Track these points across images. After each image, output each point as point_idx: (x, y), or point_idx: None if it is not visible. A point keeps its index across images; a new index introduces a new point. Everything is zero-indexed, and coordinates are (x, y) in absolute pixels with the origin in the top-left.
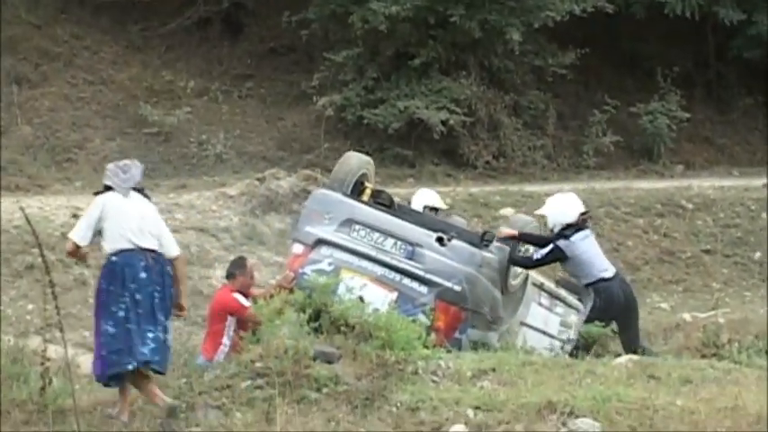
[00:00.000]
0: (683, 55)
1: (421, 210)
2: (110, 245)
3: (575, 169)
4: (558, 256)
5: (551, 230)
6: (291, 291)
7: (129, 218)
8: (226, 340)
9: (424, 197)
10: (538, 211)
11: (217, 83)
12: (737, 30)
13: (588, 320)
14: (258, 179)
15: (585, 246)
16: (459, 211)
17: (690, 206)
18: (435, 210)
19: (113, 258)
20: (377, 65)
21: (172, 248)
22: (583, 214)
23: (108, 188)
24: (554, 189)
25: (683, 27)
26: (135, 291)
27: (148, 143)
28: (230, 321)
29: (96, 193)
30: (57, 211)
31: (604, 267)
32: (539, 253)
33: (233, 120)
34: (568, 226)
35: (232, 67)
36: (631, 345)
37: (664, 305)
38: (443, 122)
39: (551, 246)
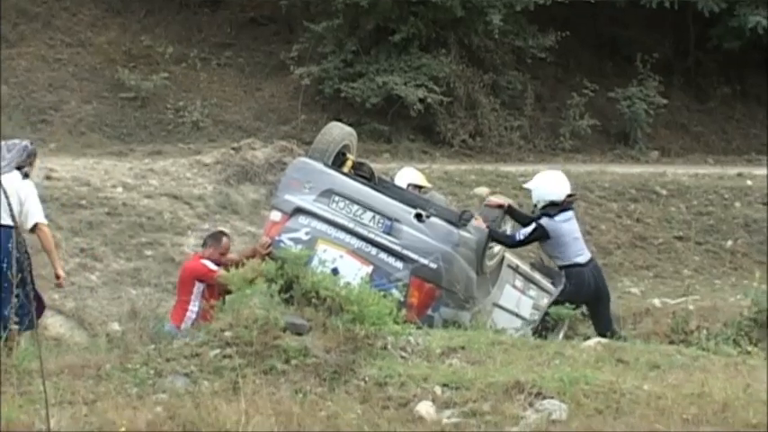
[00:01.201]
0: (663, 42)
1: (405, 187)
2: None
3: (551, 151)
4: (541, 235)
5: (535, 206)
6: (265, 258)
7: None
8: (193, 307)
9: (408, 175)
10: (526, 185)
11: (195, 50)
12: (718, 19)
13: (556, 303)
14: (234, 148)
15: (567, 228)
16: (435, 189)
17: (664, 192)
18: (419, 188)
19: None
20: (357, 39)
21: (28, 221)
22: (570, 196)
23: None
24: (529, 170)
25: (664, 14)
26: None
27: (125, 108)
28: (198, 288)
29: None
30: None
31: (580, 252)
32: (521, 233)
33: (210, 88)
34: (553, 204)
35: (211, 35)
36: (602, 330)
37: (634, 290)
38: (421, 100)
39: (535, 225)
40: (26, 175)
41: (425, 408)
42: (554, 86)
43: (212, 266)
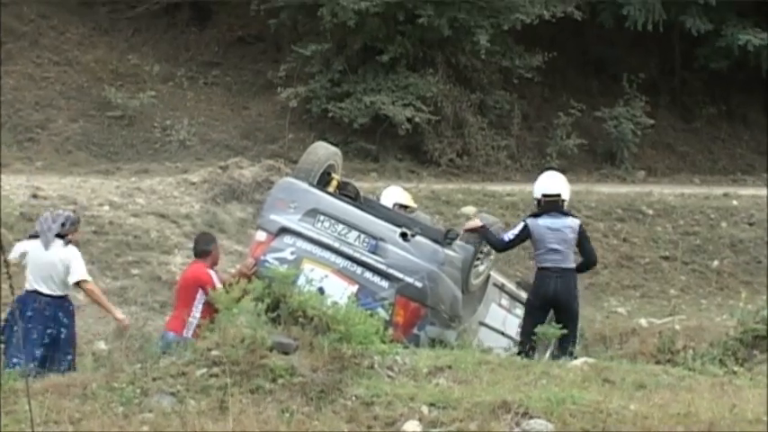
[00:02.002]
0: (649, 62)
1: (391, 207)
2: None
3: (538, 170)
4: (526, 235)
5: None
6: (251, 279)
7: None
8: (195, 314)
9: (394, 194)
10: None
11: (183, 69)
12: (704, 39)
13: (525, 304)
14: (221, 167)
15: (545, 233)
16: (421, 208)
17: (650, 212)
18: (405, 208)
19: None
20: (344, 58)
21: (71, 279)
22: (546, 196)
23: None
24: (516, 189)
25: (650, 35)
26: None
27: (111, 126)
28: (200, 296)
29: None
30: (17, 190)
31: (548, 258)
32: (509, 233)
33: (198, 107)
34: (539, 205)
35: (199, 54)
36: (562, 344)
37: (621, 309)
38: (409, 119)
39: (521, 224)
40: (68, 242)
41: (412, 427)
42: (541, 106)
43: (216, 281)
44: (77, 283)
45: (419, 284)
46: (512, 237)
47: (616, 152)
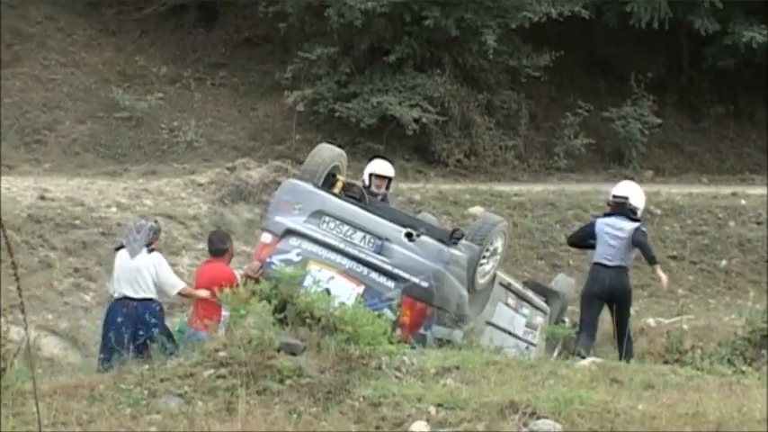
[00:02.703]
0: (657, 61)
1: (367, 179)
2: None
3: (545, 170)
4: (590, 230)
5: None
6: (258, 281)
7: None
8: (225, 312)
9: (371, 165)
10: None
11: (190, 70)
12: (712, 38)
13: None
14: (228, 168)
15: (603, 230)
16: (428, 208)
17: (658, 212)
18: (381, 177)
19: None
20: (351, 59)
21: (171, 292)
22: (615, 197)
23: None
24: (524, 189)
25: (657, 34)
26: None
27: (119, 128)
28: None
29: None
30: (24, 192)
31: (602, 253)
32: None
33: (205, 108)
34: (608, 206)
35: (206, 55)
36: (619, 332)
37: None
38: (416, 120)
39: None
40: (151, 250)
41: (420, 428)
42: (548, 106)
43: (238, 276)
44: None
45: (425, 284)
46: (576, 230)
47: (624, 152)
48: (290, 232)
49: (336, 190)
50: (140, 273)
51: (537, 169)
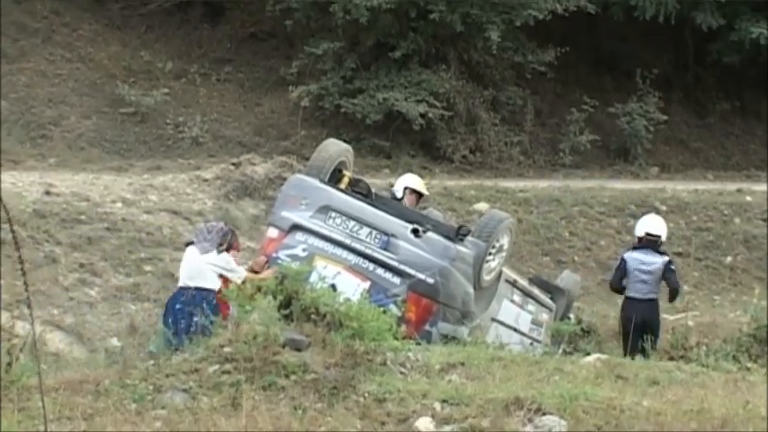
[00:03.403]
0: (663, 57)
1: (401, 191)
2: None
3: (550, 167)
4: (621, 269)
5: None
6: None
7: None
8: (233, 307)
9: (406, 179)
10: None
11: (195, 65)
12: (717, 34)
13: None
14: (234, 164)
15: (634, 263)
16: (433, 204)
17: (663, 208)
18: (417, 194)
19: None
20: (357, 55)
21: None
22: (650, 236)
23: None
24: (529, 185)
25: (663, 30)
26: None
27: (124, 123)
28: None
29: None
30: (30, 187)
31: (635, 288)
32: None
33: (210, 103)
34: (639, 240)
35: (211, 51)
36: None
37: None
38: (422, 115)
39: (620, 259)
40: (221, 252)
41: (425, 424)
42: (554, 102)
43: (242, 277)
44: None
45: (431, 281)
46: (614, 273)
47: (629, 148)
48: (296, 227)
49: (343, 185)
50: (206, 268)
51: (542, 165)
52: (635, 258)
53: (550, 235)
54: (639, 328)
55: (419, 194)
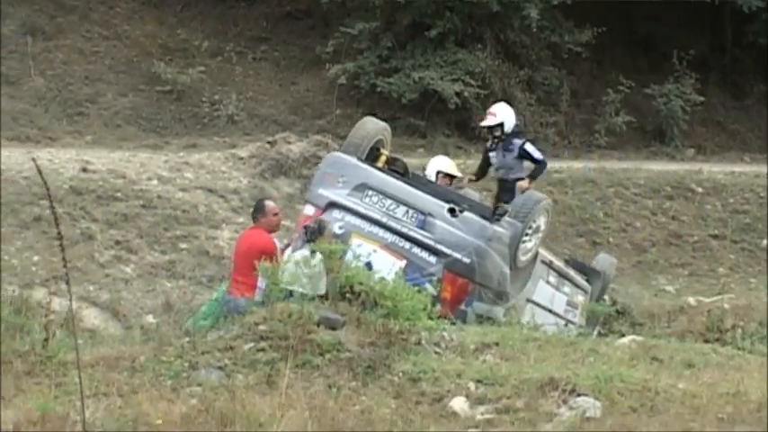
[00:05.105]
0: (700, 38)
1: (433, 175)
2: None
3: (586, 147)
4: None
5: (501, 134)
6: None
7: None
8: (261, 283)
9: (438, 162)
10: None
11: (231, 44)
12: (755, 16)
13: None
14: (269, 142)
15: None
16: (469, 185)
17: (699, 190)
18: (449, 176)
19: None
20: (393, 34)
21: None
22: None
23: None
24: (564, 166)
25: (701, 11)
26: None
27: (160, 101)
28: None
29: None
30: (66, 164)
31: None
32: (537, 153)
33: (246, 82)
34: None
35: (247, 29)
36: None
37: (669, 288)
38: (457, 94)
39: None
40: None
41: (459, 403)
42: (590, 83)
43: (277, 246)
44: None
45: (467, 260)
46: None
47: (665, 129)
48: (332, 205)
49: (380, 164)
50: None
51: (578, 146)
52: None
53: (585, 216)
54: None
55: (452, 177)
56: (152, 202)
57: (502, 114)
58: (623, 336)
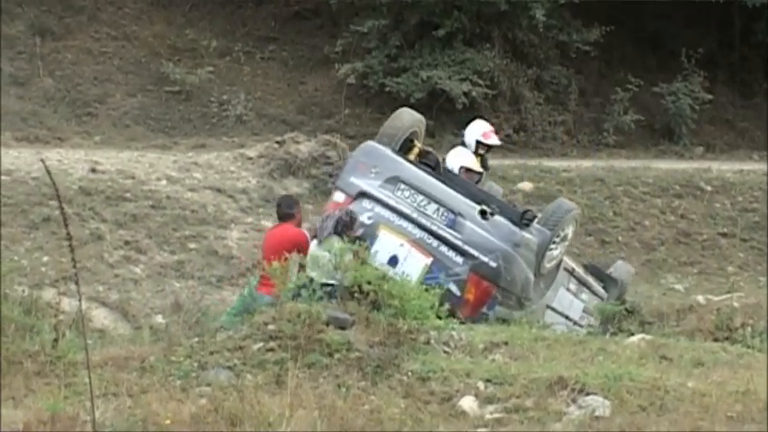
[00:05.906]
0: (708, 36)
1: (457, 170)
2: None
3: (594, 146)
4: None
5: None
6: None
7: None
8: (292, 277)
9: (461, 158)
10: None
11: (240, 44)
12: (763, 13)
13: None
14: (278, 142)
15: None
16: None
17: (708, 188)
18: (472, 172)
19: None
20: (401, 33)
21: None
22: None
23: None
24: (573, 165)
25: (708, 9)
26: None
27: (169, 101)
28: (296, 257)
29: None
30: (75, 164)
31: None
32: None
33: (254, 81)
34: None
35: (255, 29)
36: None
37: (678, 286)
38: (465, 94)
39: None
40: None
41: (468, 403)
42: (598, 81)
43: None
44: None
45: (493, 264)
46: None
47: (674, 128)
48: (363, 194)
49: (412, 156)
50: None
51: (586, 145)
52: None
53: (594, 215)
54: None
55: (473, 172)
56: (161, 203)
57: None
58: (632, 334)
